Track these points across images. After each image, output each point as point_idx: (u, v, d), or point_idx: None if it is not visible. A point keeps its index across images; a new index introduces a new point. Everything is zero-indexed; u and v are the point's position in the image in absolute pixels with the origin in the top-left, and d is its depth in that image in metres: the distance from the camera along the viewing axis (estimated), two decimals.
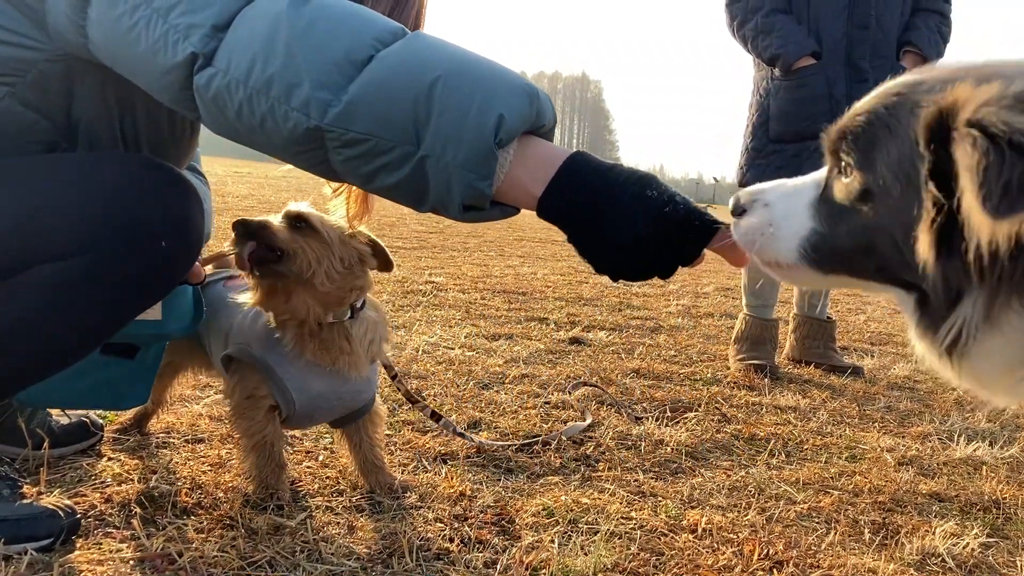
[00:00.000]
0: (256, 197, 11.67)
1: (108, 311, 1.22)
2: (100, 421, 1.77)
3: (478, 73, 0.97)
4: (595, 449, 2.02)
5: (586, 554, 1.41)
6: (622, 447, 2.06)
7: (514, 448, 1.95)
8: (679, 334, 3.86)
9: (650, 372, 2.95)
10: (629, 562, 1.40)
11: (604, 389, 2.60)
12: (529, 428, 2.14)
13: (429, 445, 1.91)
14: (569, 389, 2.56)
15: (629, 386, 2.71)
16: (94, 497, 1.47)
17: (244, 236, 1.41)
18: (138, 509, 1.42)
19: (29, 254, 1.14)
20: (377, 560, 1.34)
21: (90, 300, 1.18)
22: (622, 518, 1.58)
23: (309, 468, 1.72)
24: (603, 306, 4.48)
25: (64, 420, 1.70)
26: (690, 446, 2.11)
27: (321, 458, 1.78)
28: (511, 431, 2.10)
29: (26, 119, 1.20)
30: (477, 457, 1.88)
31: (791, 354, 3.44)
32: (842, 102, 2.95)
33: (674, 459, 2.00)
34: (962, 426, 2.54)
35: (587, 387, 2.62)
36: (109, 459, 1.67)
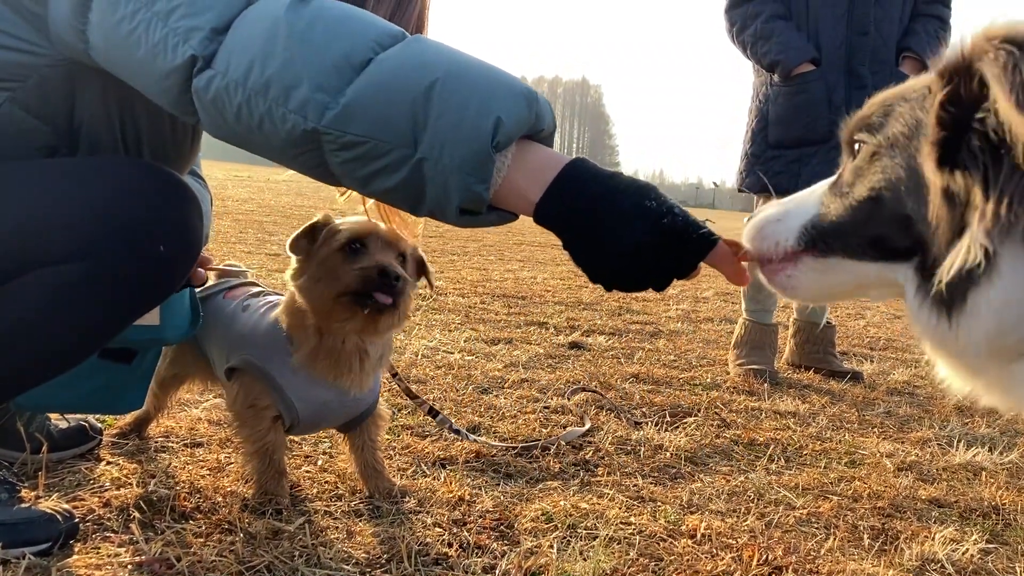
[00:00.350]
0: (256, 201, 11.69)
1: (107, 315, 1.22)
2: (99, 425, 1.77)
3: (476, 76, 0.97)
4: (594, 454, 2.02)
5: (585, 559, 1.41)
6: (621, 452, 2.06)
7: (513, 453, 1.94)
8: (679, 339, 3.86)
9: (649, 377, 2.95)
10: (628, 567, 1.40)
11: (603, 394, 2.59)
12: (528, 433, 2.14)
13: (428, 450, 1.91)
14: (568, 394, 2.56)
15: (628, 391, 2.70)
16: (92, 501, 1.47)
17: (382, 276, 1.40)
18: (136, 513, 1.42)
19: (29, 257, 1.14)
20: (376, 565, 1.34)
21: (89, 304, 1.18)
22: (621, 523, 1.58)
23: (308, 472, 1.72)
24: (602, 310, 4.48)
25: (63, 424, 1.70)
26: (689, 451, 2.11)
27: (320, 462, 1.78)
28: (510, 435, 2.10)
29: (27, 124, 1.20)
30: (476, 462, 1.88)
31: (791, 359, 3.44)
32: (841, 108, 2.96)
33: (673, 464, 2.00)
34: (962, 431, 2.54)
35: (586, 392, 2.62)
36: (108, 463, 1.67)
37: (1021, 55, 0.68)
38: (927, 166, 0.77)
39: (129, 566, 1.25)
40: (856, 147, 0.89)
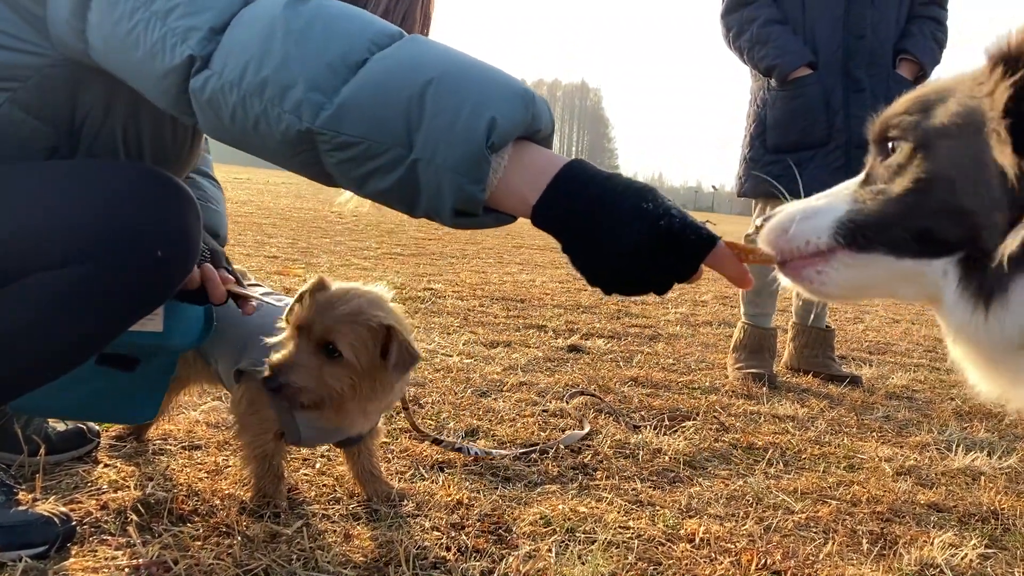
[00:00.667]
0: (255, 203, 11.68)
1: (103, 319, 1.22)
2: (97, 428, 1.76)
3: (472, 76, 0.96)
4: (593, 458, 2.01)
5: (583, 563, 1.41)
6: (620, 456, 2.06)
7: (512, 456, 1.94)
8: (677, 342, 3.86)
9: (648, 380, 2.95)
10: (626, 571, 1.40)
11: (602, 397, 2.59)
12: (527, 436, 2.13)
13: (426, 453, 1.91)
14: (567, 397, 2.56)
15: (627, 394, 2.70)
16: (90, 504, 1.46)
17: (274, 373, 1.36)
18: (134, 516, 1.42)
19: (28, 260, 1.14)
20: (373, 569, 1.34)
21: (88, 307, 1.18)
22: (619, 527, 1.58)
23: (306, 475, 1.72)
24: (601, 314, 4.48)
25: (61, 427, 1.70)
26: (688, 455, 2.10)
27: (318, 465, 1.78)
28: (509, 439, 2.10)
29: (27, 125, 1.19)
30: (474, 465, 1.88)
31: (789, 363, 3.44)
32: (839, 111, 2.97)
33: (672, 468, 2.00)
34: (960, 436, 2.54)
35: (585, 395, 2.62)
36: (105, 466, 1.67)
37: None
38: (999, 152, 0.77)
39: (126, 569, 1.25)
40: (890, 145, 0.88)
